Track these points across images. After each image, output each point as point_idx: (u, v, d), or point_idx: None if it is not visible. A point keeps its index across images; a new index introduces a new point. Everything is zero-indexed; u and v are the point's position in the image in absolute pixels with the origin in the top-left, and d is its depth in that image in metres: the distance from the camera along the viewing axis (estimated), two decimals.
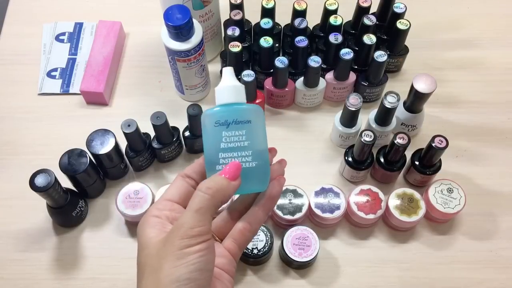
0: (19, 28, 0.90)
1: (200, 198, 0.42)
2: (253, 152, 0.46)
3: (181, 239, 0.41)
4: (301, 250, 0.65)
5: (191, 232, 0.41)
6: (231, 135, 0.46)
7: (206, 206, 0.42)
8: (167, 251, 0.41)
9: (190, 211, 0.42)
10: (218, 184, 0.43)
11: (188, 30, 0.68)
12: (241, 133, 0.46)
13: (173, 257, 0.40)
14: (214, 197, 0.43)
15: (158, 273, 0.41)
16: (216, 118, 0.46)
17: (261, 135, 0.47)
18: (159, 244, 0.43)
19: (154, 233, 0.44)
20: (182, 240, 0.41)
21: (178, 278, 0.40)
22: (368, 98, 0.80)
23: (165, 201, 0.47)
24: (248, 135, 0.46)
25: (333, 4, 0.76)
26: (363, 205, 0.68)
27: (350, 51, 0.72)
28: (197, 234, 0.41)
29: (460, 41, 0.88)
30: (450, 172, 0.73)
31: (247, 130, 0.46)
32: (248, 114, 0.46)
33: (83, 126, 0.79)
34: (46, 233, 0.71)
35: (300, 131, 0.79)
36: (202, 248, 0.41)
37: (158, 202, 0.47)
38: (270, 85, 0.77)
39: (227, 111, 0.46)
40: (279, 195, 0.48)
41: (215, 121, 0.46)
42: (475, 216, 0.72)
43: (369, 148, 0.68)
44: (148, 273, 0.42)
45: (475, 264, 0.69)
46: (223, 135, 0.46)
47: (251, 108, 0.47)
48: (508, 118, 0.80)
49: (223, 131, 0.46)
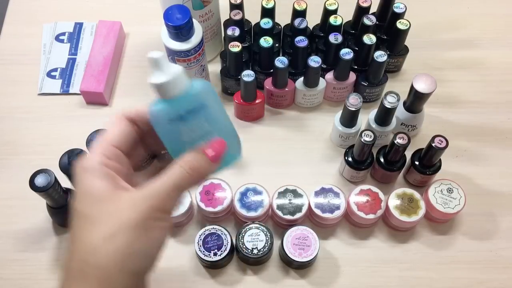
0: (19, 28, 0.90)
1: (182, 177, 0.40)
2: (220, 131, 0.43)
3: (155, 211, 0.39)
4: (301, 250, 0.65)
5: (165, 207, 0.39)
6: (191, 126, 0.41)
7: (185, 185, 0.40)
8: (129, 216, 0.38)
9: (170, 185, 0.39)
10: (202, 167, 0.41)
11: (188, 30, 0.68)
12: (201, 120, 0.41)
13: (136, 226, 0.38)
14: (193, 178, 0.40)
15: (114, 238, 0.38)
16: (167, 116, 0.41)
17: (220, 111, 0.43)
18: (116, 202, 0.39)
19: (106, 186, 0.39)
20: (154, 212, 0.39)
21: (137, 250, 0.38)
22: (368, 98, 0.80)
23: (112, 147, 0.41)
24: (208, 118, 0.42)
25: (333, 4, 0.76)
26: (363, 205, 0.68)
27: (350, 51, 0.72)
28: (169, 210, 0.40)
29: (460, 41, 0.88)
30: (450, 172, 0.73)
31: (205, 114, 0.41)
32: (199, 99, 0.41)
33: (83, 126, 0.78)
34: (46, 233, 0.71)
35: (300, 131, 0.79)
36: (167, 226, 0.40)
37: (104, 147, 0.41)
38: (270, 85, 0.77)
39: (176, 104, 0.41)
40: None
41: (167, 118, 0.41)
42: (475, 216, 0.72)
43: (369, 148, 0.68)
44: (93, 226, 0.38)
45: (475, 264, 0.69)
46: (182, 130, 0.41)
47: (200, 89, 0.41)
48: (508, 118, 0.80)
49: (180, 126, 0.41)
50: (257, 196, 0.68)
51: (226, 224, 0.69)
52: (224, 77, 0.78)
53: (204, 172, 0.41)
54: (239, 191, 0.69)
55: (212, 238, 0.65)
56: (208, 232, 0.66)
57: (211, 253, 0.64)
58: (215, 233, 0.66)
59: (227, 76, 0.78)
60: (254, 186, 0.69)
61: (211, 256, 0.64)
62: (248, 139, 0.78)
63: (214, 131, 0.42)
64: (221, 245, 0.65)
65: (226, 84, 0.80)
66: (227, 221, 0.71)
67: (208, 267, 0.68)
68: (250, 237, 0.65)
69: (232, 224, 0.71)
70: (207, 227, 0.66)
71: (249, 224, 0.66)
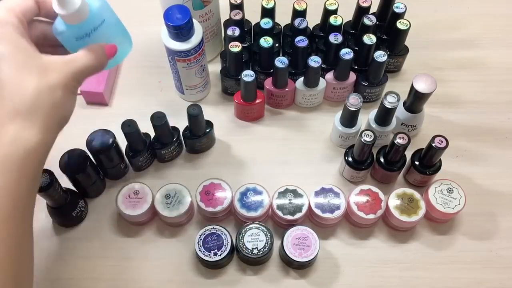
0: None
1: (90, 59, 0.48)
2: (115, 35, 0.53)
3: (73, 79, 0.47)
4: (301, 250, 0.65)
5: (79, 80, 0.48)
6: (94, 38, 0.50)
7: (90, 67, 0.49)
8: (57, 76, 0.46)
9: (83, 63, 0.48)
10: (102, 57, 0.50)
11: (188, 30, 0.68)
12: (101, 32, 0.50)
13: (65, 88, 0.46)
14: (96, 63, 0.49)
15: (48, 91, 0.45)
16: (75, 35, 0.49)
17: (113, 18, 0.53)
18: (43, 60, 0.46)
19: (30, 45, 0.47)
20: (73, 81, 0.47)
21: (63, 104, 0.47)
22: (368, 98, 0.80)
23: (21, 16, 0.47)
24: (105, 29, 0.51)
25: (333, 4, 0.76)
26: (363, 205, 0.68)
27: (350, 51, 0.72)
28: (80, 83, 0.48)
29: (460, 41, 0.88)
30: (450, 172, 0.73)
31: (104, 27, 0.51)
32: (100, 16, 0.50)
33: (83, 126, 0.79)
34: (46, 233, 0.71)
35: (300, 131, 0.79)
36: (75, 97, 0.49)
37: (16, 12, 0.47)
38: (270, 85, 0.77)
39: (82, 27, 0.49)
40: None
41: (75, 37, 0.49)
42: (475, 216, 0.72)
43: (369, 148, 0.68)
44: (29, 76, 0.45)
45: (475, 264, 0.69)
46: (87, 41, 0.50)
47: (98, 8, 0.50)
48: (508, 118, 0.80)
49: (85, 40, 0.50)
50: (257, 196, 0.68)
51: (226, 224, 0.69)
52: (224, 77, 0.78)
53: (102, 61, 0.50)
54: (239, 191, 0.69)
55: (212, 238, 0.65)
56: (208, 232, 0.66)
57: (211, 253, 0.64)
58: (215, 233, 0.66)
59: (227, 76, 0.78)
60: (254, 186, 0.69)
61: (211, 256, 0.64)
62: (248, 139, 0.79)
63: (110, 36, 0.52)
64: (221, 245, 0.65)
65: (226, 84, 0.80)
66: (227, 221, 0.71)
67: (208, 267, 0.68)
68: (250, 237, 0.65)
69: (232, 224, 0.71)
70: (207, 227, 0.66)
71: (249, 224, 0.66)
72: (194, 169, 0.76)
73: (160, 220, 0.71)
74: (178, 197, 0.68)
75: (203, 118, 0.72)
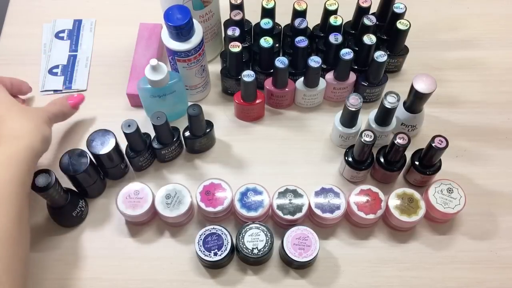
0: (19, 28, 0.90)
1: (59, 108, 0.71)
2: (179, 102, 0.75)
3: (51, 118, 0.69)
4: (301, 250, 0.65)
5: (54, 120, 0.70)
6: (163, 100, 0.72)
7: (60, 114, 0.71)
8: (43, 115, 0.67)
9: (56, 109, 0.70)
10: (66, 107, 0.72)
11: (188, 30, 0.68)
12: (170, 97, 0.73)
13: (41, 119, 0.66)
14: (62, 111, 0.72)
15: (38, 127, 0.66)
16: (152, 94, 0.71)
17: (181, 89, 0.74)
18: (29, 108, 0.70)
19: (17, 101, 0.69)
20: (51, 120, 0.68)
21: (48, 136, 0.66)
22: (368, 98, 0.80)
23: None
24: (174, 96, 0.73)
25: (333, 4, 0.76)
26: (363, 205, 0.68)
27: (350, 51, 0.72)
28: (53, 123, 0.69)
29: (460, 41, 0.88)
30: (450, 172, 0.73)
31: (173, 94, 0.73)
32: (172, 87, 0.71)
33: (83, 126, 0.79)
34: (46, 233, 0.71)
35: (300, 131, 0.80)
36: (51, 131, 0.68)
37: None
38: (270, 85, 0.77)
39: (159, 90, 0.71)
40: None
41: (150, 95, 0.71)
42: (475, 216, 0.72)
43: (369, 148, 0.68)
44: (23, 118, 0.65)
45: (475, 264, 0.69)
46: (157, 101, 0.72)
47: (173, 80, 0.71)
48: (508, 118, 0.80)
49: (157, 99, 0.72)
50: (257, 196, 0.68)
51: (226, 224, 0.69)
52: (224, 77, 0.78)
53: (67, 111, 0.73)
54: (240, 191, 0.69)
55: (213, 238, 0.65)
56: (209, 232, 0.66)
57: (211, 253, 0.64)
58: (215, 233, 0.66)
59: (227, 76, 0.78)
60: (254, 186, 0.69)
61: (211, 256, 0.64)
62: (248, 139, 0.79)
63: (175, 102, 0.74)
64: (221, 245, 0.65)
65: (226, 84, 0.80)
66: (227, 221, 0.71)
67: (208, 267, 0.68)
68: (250, 237, 0.65)
69: (232, 224, 0.71)
70: (207, 227, 0.66)
71: (249, 224, 0.66)
72: (194, 169, 0.76)
73: (160, 220, 0.71)
74: (178, 197, 0.68)
75: (203, 118, 0.72)
